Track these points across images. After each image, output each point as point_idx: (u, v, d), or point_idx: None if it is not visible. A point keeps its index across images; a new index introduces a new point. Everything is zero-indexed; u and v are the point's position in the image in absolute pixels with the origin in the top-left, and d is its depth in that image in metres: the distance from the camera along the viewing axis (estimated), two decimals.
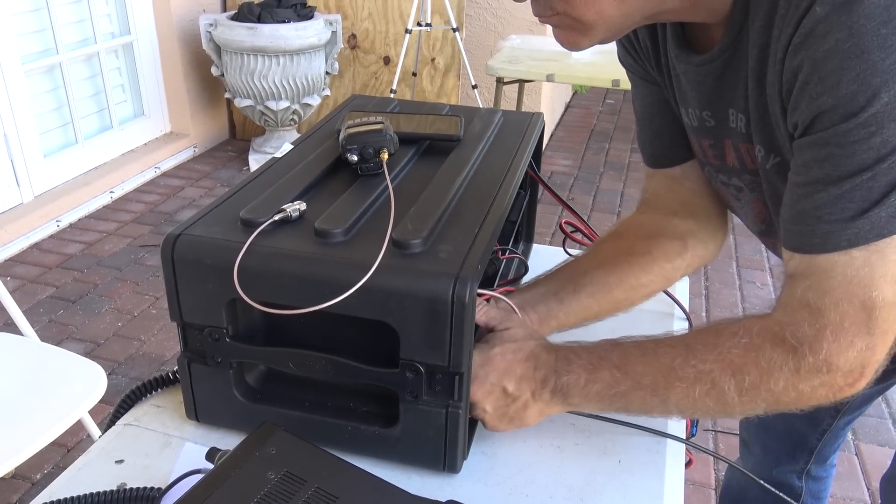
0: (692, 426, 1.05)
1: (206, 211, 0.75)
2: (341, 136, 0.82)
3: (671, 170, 0.89)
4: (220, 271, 0.69)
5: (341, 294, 0.65)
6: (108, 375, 2.05)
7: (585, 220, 1.06)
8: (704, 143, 0.80)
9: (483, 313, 0.78)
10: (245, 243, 0.68)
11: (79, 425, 1.64)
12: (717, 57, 0.71)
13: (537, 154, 1.09)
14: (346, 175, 0.82)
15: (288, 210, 0.72)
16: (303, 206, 0.73)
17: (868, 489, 1.92)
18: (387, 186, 0.80)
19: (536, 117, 1.07)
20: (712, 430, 2.10)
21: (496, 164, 0.89)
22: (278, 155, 0.89)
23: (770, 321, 0.67)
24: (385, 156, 0.80)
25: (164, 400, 0.84)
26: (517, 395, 0.73)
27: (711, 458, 2.00)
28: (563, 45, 0.70)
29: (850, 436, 2.11)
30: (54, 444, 1.38)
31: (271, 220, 0.71)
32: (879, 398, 2.25)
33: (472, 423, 0.77)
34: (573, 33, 0.68)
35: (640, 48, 0.84)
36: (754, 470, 1.25)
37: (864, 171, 0.58)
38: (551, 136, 4.51)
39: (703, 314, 2.69)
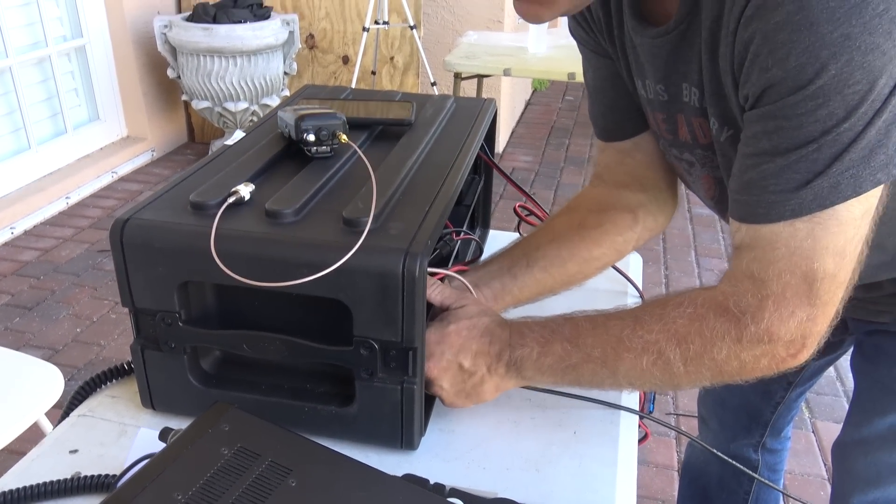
0: (649, 403, 1.08)
1: (156, 196, 0.74)
2: (290, 118, 0.82)
3: (622, 143, 0.90)
4: (171, 254, 0.68)
5: (295, 274, 0.65)
6: (67, 381, 2.01)
7: (548, 213, 1.08)
8: (658, 116, 0.82)
9: (437, 292, 0.79)
10: (212, 226, 0.68)
11: (38, 433, 1.61)
12: (672, 29, 0.71)
13: (490, 139, 1.10)
14: (297, 159, 0.82)
15: (240, 191, 0.72)
16: (251, 187, 0.73)
17: (825, 465, 1.97)
18: (338, 169, 0.80)
19: (488, 103, 1.08)
20: (673, 414, 2.14)
21: (447, 147, 0.90)
22: (229, 142, 0.89)
23: (715, 291, 0.69)
24: (343, 137, 0.80)
25: (119, 390, 0.83)
26: (473, 370, 0.74)
27: (674, 441, 2.04)
28: (525, 17, 0.70)
29: (806, 413, 2.16)
30: (12, 451, 1.36)
31: (225, 203, 0.71)
32: (835, 377, 2.31)
33: (429, 400, 0.78)
34: (535, 5, 0.68)
35: (592, 21, 0.85)
36: (713, 444, 1.28)
37: (811, 143, 0.59)
38: (512, 133, 4.54)
39: None
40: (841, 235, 0.62)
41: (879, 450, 0.93)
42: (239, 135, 0.91)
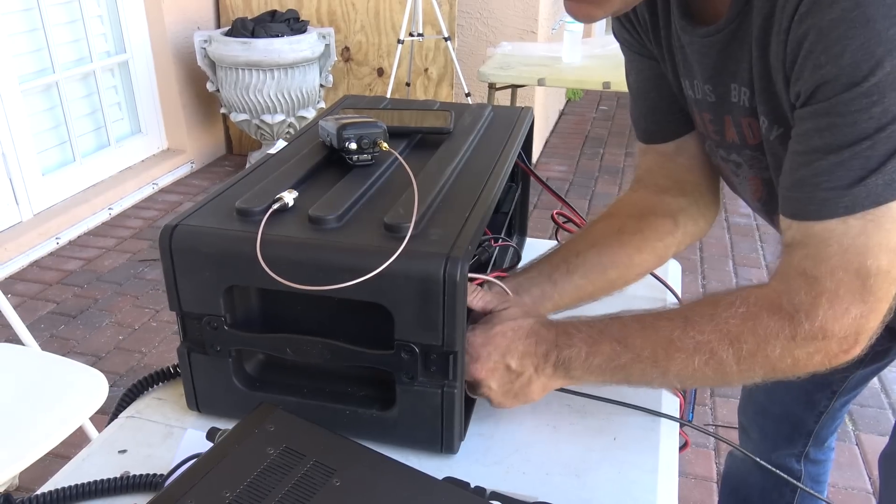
0: (689, 410, 1.07)
1: (203, 203, 0.76)
2: (332, 127, 0.84)
3: (664, 146, 0.90)
4: (218, 259, 0.70)
5: (337, 278, 0.66)
6: (110, 388, 2.05)
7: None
8: (705, 117, 0.81)
9: (479, 298, 0.80)
10: (257, 231, 0.70)
11: (84, 438, 1.65)
12: (722, 28, 0.71)
13: (527, 147, 1.11)
14: (339, 167, 0.84)
15: (284, 198, 0.73)
16: (295, 193, 0.75)
17: (869, 478, 1.92)
18: (378, 177, 0.82)
19: (525, 111, 1.09)
20: (712, 425, 2.11)
21: (486, 155, 0.91)
22: (272, 151, 0.90)
23: (767, 290, 0.68)
24: (384, 145, 0.81)
25: (165, 393, 0.85)
26: (520, 370, 0.74)
27: (713, 452, 2.01)
28: (576, 17, 0.70)
29: (850, 426, 2.11)
30: (58, 456, 1.39)
31: (269, 209, 0.72)
32: (879, 389, 2.26)
33: (469, 404, 0.79)
34: (587, 5, 0.68)
35: (637, 22, 0.85)
36: (754, 453, 1.26)
37: (864, 140, 0.59)
38: (546, 142, 4.54)
39: None
40: (894, 232, 0.61)
41: None
42: (281, 144, 0.93)
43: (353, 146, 0.81)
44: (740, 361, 0.68)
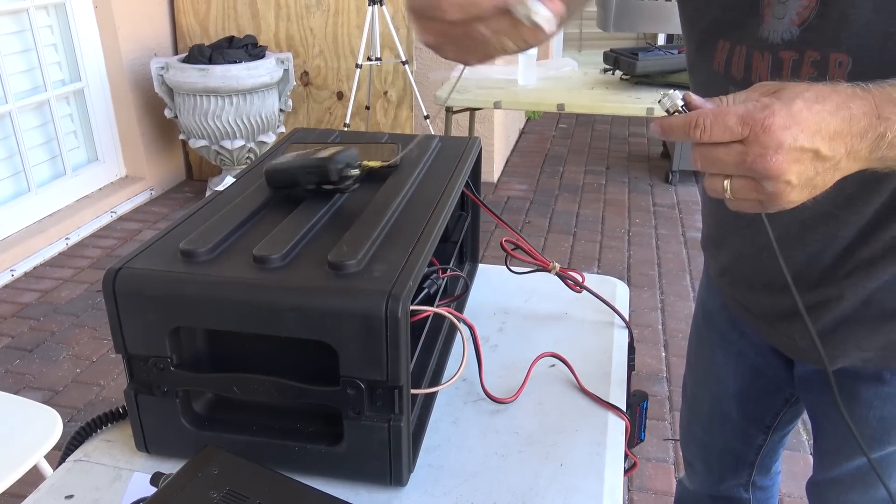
0: (640, 432, 1.09)
1: (147, 245, 0.77)
2: (282, 165, 0.85)
3: None
4: (162, 302, 0.71)
5: (281, 318, 0.67)
6: (68, 423, 2.02)
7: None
8: None
9: None
10: (202, 273, 0.70)
11: (39, 476, 1.62)
12: None
13: (476, 175, 1.13)
14: (285, 204, 0.85)
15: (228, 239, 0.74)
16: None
17: None
18: (325, 213, 0.83)
19: (472, 141, 1.11)
20: (672, 440, 2.14)
21: (432, 187, 0.93)
22: (219, 188, 0.91)
23: None
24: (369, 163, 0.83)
25: (114, 434, 0.85)
26: (831, 155, 0.60)
27: (672, 467, 2.04)
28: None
29: (804, 435, 2.16)
30: (13, 495, 1.37)
31: (215, 250, 0.73)
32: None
33: (417, 435, 0.80)
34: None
35: None
36: (702, 486, 1.28)
37: None
38: (507, 162, 4.59)
39: (660, 326, 2.75)
40: None
41: (851, 489, 0.94)
42: (229, 181, 0.94)
43: (354, 171, 0.83)
44: None
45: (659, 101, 0.66)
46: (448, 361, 0.94)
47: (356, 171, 0.84)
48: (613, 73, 3.21)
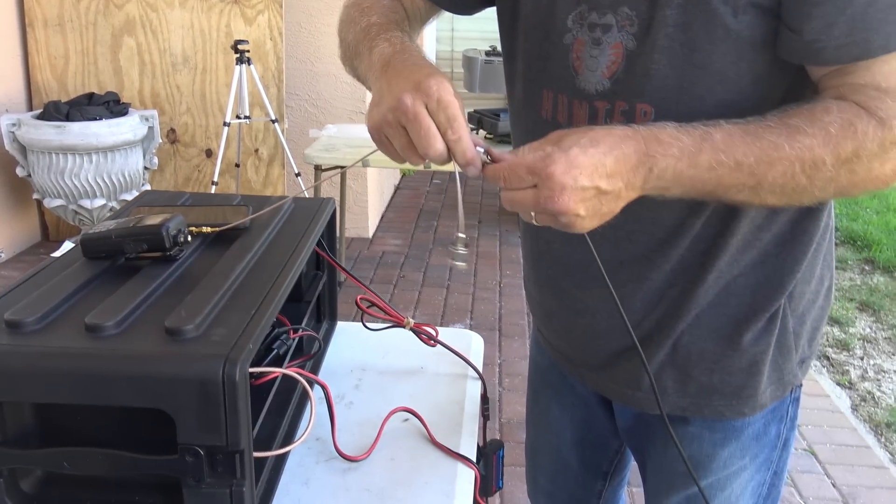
0: (498, 479, 1.12)
1: None
2: (121, 229, 0.83)
3: None
4: None
5: (115, 387, 0.66)
6: None
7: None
8: None
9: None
10: (27, 345, 0.67)
11: None
12: None
13: (331, 235, 1.15)
14: (124, 271, 0.83)
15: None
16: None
17: None
18: (166, 278, 0.82)
19: (326, 202, 1.13)
20: None
21: (281, 249, 0.94)
22: (57, 255, 0.88)
23: (851, 102, 0.72)
24: (176, 245, 0.82)
25: None
26: (611, 189, 0.69)
27: None
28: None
29: None
30: None
31: (43, 320, 0.71)
32: None
33: (266, 499, 0.79)
34: None
35: None
36: None
37: None
38: (382, 217, 4.64)
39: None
40: None
41: None
42: (68, 246, 0.91)
43: (185, 238, 0.82)
44: (837, 166, 0.70)
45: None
46: (300, 422, 0.94)
47: (187, 238, 0.84)
48: (478, 133, 3.35)
